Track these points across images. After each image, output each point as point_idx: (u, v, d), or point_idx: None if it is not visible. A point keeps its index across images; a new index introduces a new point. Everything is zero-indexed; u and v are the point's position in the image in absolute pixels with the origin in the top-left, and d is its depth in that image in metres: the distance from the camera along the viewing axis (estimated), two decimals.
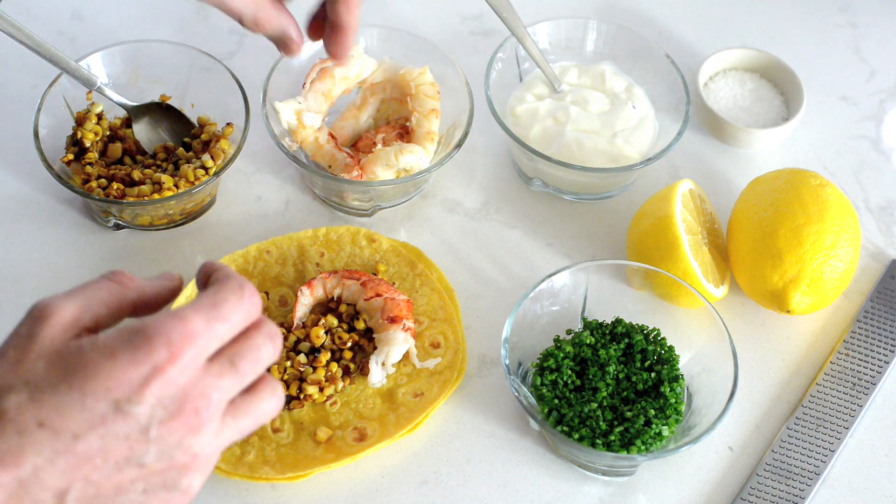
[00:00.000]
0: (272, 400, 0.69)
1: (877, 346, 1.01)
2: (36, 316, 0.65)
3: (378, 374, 0.95)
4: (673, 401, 0.93)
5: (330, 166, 1.04)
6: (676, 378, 0.94)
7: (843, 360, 1.00)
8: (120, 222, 1.05)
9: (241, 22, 0.89)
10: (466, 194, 1.11)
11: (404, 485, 0.92)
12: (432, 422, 0.95)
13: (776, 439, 0.96)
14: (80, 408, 0.62)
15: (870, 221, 1.11)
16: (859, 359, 1.01)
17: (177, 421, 0.64)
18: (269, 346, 0.68)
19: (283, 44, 0.92)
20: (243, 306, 0.66)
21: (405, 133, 1.07)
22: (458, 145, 1.04)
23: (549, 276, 0.96)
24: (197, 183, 1.02)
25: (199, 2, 0.89)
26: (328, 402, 0.94)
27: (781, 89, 1.18)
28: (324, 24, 0.93)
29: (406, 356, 0.96)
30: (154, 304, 0.70)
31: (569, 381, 0.93)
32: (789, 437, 0.96)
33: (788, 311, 0.98)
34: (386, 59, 1.09)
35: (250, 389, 0.68)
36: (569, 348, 0.95)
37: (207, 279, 0.70)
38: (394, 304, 0.96)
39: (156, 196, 1.01)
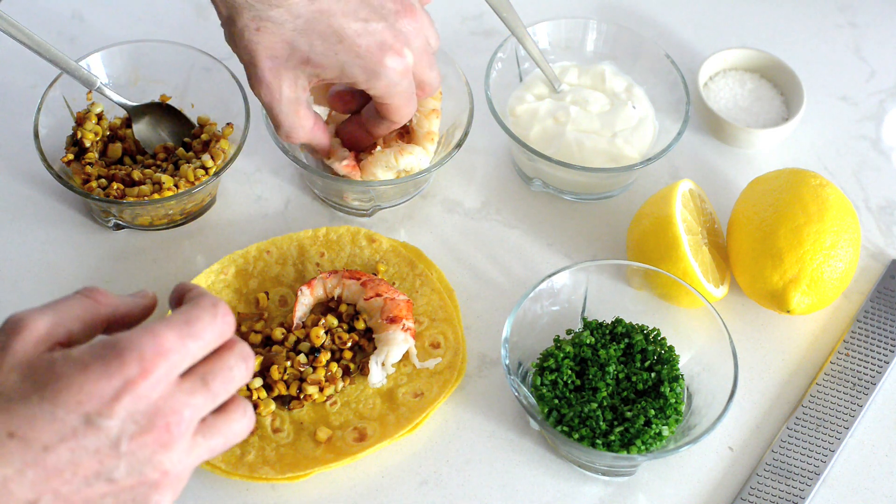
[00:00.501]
0: (243, 420, 0.69)
1: (877, 346, 1.01)
2: (9, 329, 0.65)
3: (378, 374, 0.95)
4: (673, 401, 0.93)
5: (328, 157, 1.04)
6: (676, 378, 0.94)
7: (843, 360, 1.00)
8: (120, 222, 1.05)
9: (276, 131, 0.97)
10: (466, 194, 1.11)
11: (404, 485, 0.92)
12: (432, 422, 0.95)
13: (776, 439, 0.96)
14: (50, 419, 0.62)
15: (870, 221, 1.11)
16: (859, 359, 1.01)
17: (148, 436, 0.64)
18: (241, 367, 0.68)
19: (312, 151, 1.02)
20: (216, 325, 0.67)
21: (405, 133, 1.07)
22: (458, 145, 1.04)
23: (549, 276, 0.96)
24: (197, 183, 1.02)
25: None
26: (328, 402, 0.94)
27: (781, 89, 1.18)
28: (350, 99, 1.01)
29: (406, 356, 0.96)
30: (127, 320, 0.70)
31: (569, 381, 0.93)
32: (789, 437, 0.96)
33: (788, 311, 0.98)
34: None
35: (221, 409, 0.68)
36: (569, 348, 0.95)
37: (181, 300, 0.70)
38: (393, 304, 0.96)
39: (156, 196, 1.01)
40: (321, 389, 0.93)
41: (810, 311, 0.99)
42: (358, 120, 1.01)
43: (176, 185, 1.02)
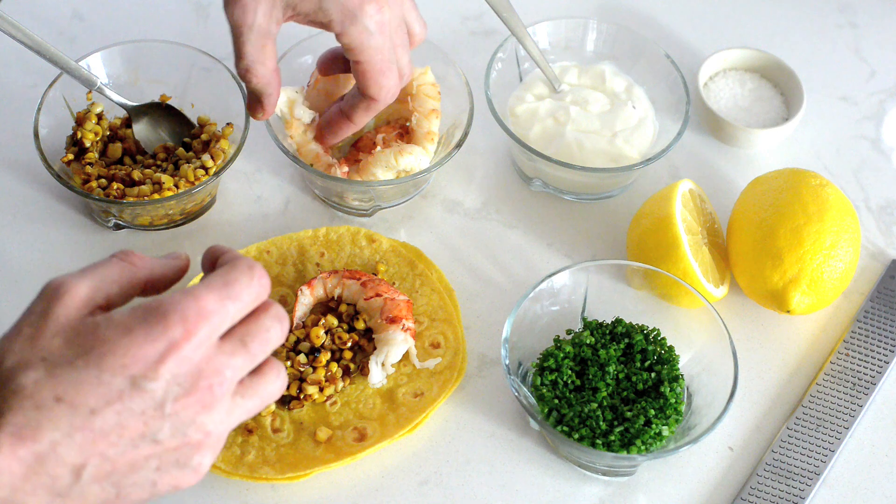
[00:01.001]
0: (277, 381, 0.70)
1: (877, 346, 1.01)
2: (49, 294, 0.66)
3: (378, 374, 0.95)
4: (673, 401, 0.93)
5: (312, 164, 1.04)
6: (676, 378, 0.94)
7: (844, 360, 1.00)
8: (120, 222, 1.05)
9: (237, 62, 0.92)
10: (466, 194, 1.11)
11: (404, 485, 0.92)
12: (432, 422, 0.95)
13: (776, 439, 0.96)
14: (96, 383, 0.63)
15: (870, 221, 1.11)
16: (859, 359, 1.00)
17: (191, 397, 0.65)
18: (277, 328, 0.69)
19: (258, 102, 0.95)
20: (253, 286, 0.68)
21: (405, 133, 1.07)
22: (458, 145, 1.04)
23: (549, 276, 0.96)
24: (197, 183, 1.02)
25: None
26: (328, 402, 0.94)
27: (781, 89, 1.18)
28: (334, 66, 0.99)
29: (406, 356, 0.96)
30: (163, 283, 0.72)
31: (569, 381, 0.93)
32: (789, 437, 0.96)
33: (788, 312, 0.98)
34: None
35: (257, 371, 0.69)
36: (569, 348, 0.95)
37: (214, 262, 0.71)
38: (393, 304, 0.96)
39: (156, 196, 1.01)
40: (321, 389, 0.93)
41: (810, 311, 0.99)
42: (338, 106, 1.00)
43: (176, 185, 1.02)
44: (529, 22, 1.12)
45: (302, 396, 0.93)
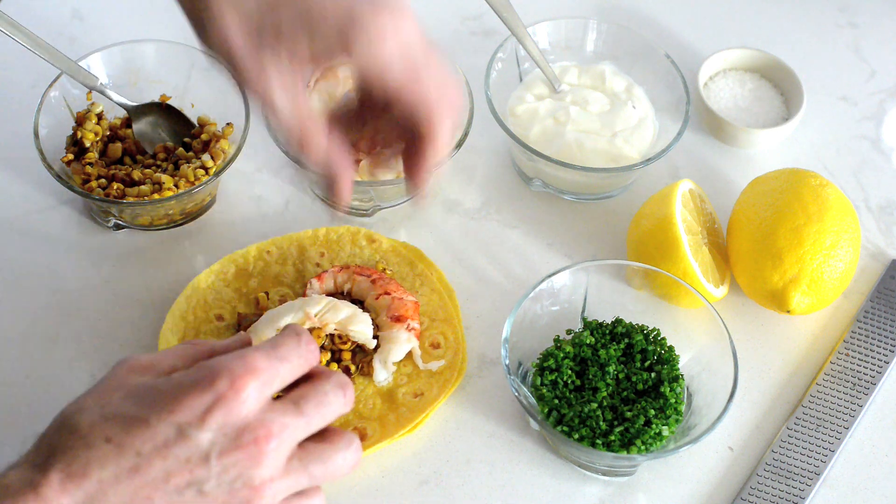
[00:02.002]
0: (347, 451, 0.72)
1: (877, 346, 1.01)
2: (116, 364, 0.71)
3: (382, 372, 0.95)
4: (673, 401, 0.92)
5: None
6: (676, 378, 0.94)
7: (844, 360, 1.00)
8: (120, 222, 1.05)
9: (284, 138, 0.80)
10: (466, 194, 1.11)
11: (404, 485, 0.92)
12: (432, 422, 0.95)
13: (776, 439, 0.96)
14: (145, 427, 0.66)
15: (870, 221, 1.11)
16: (859, 359, 1.00)
17: (239, 451, 0.67)
18: (338, 394, 0.72)
19: (330, 187, 0.82)
20: (301, 349, 0.71)
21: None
22: (458, 145, 1.04)
23: (549, 276, 0.96)
24: (197, 183, 1.02)
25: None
26: None
27: (781, 89, 1.18)
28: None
29: (409, 356, 0.96)
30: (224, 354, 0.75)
31: (569, 381, 0.93)
32: (789, 437, 0.96)
33: (788, 312, 0.98)
34: None
35: (324, 438, 0.72)
36: (569, 348, 0.95)
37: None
38: (400, 303, 0.96)
39: (156, 196, 1.01)
40: None
41: (810, 310, 0.99)
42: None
43: (176, 185, 1.02)
44: (529, 22, 1.12)
45: None
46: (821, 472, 0.94)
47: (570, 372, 0.93)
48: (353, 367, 0.96)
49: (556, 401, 0.92)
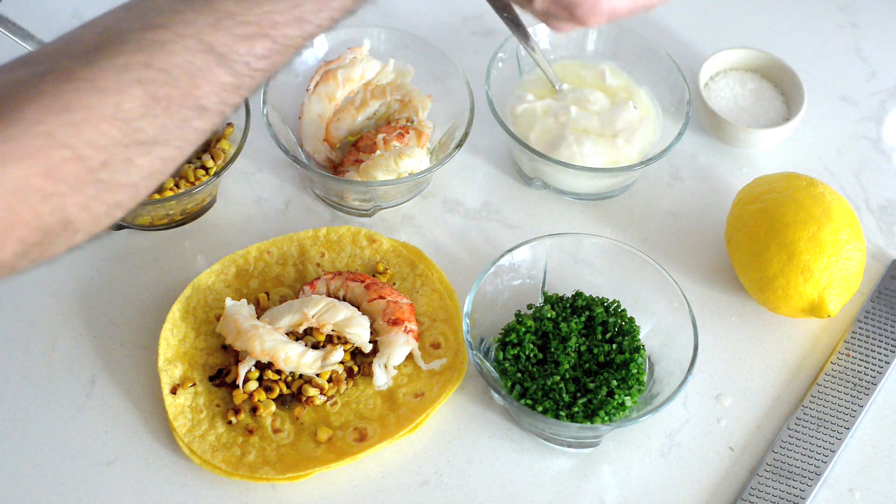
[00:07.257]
0: None
1: (877, 346, 1.01)
2: None
3: (382, 376, 0.95)
4: (635, 371, 0.93)
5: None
6: (637, 349, 0.95)
7: (844, 360, 1.00)
8: (120, 222, 1.04)
9: None
10: (466, 194, 1.11)
11: (405, 485, 0.92)
12: (432, 422, 0.95)
13: (777, 439, 0.95)
14: None
15: (870, 221, 1.11)
16: (860, 359, 1.00)
17: None
18: None
19: None
20: None
21: (405, 133, 1.07)
22: (459, 145, 1.04)
23: (509, 250, 0.97)
24: (197, 183, 1.02)
25: None
26: (329, 403, 0.94)
27: (782, 89, 1.18)
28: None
29: (410, 358, 0.96)
30: None
31: (531, 355, 0.94)
32: (790, 438, 0.96)
33: (829, 316, 0.98)
34: (391, 60, 1.10)
35: None
36: (530, 322, 0.95)
37: None
38: (396, 307, 0.96)
39: (156, 196, 1.01)
40: (322, 392, 0.93)
41: (842, 305, 0.99)
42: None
43: (176, 185, 1.02)
44: (530, 22, 1.12)
45: (304, 399, 0.93)
46: (821, 472, 0.94)
47: (531, 346, 0.94)
48: (355, 369, 0.96)
49: (519, 374, 0.93)
